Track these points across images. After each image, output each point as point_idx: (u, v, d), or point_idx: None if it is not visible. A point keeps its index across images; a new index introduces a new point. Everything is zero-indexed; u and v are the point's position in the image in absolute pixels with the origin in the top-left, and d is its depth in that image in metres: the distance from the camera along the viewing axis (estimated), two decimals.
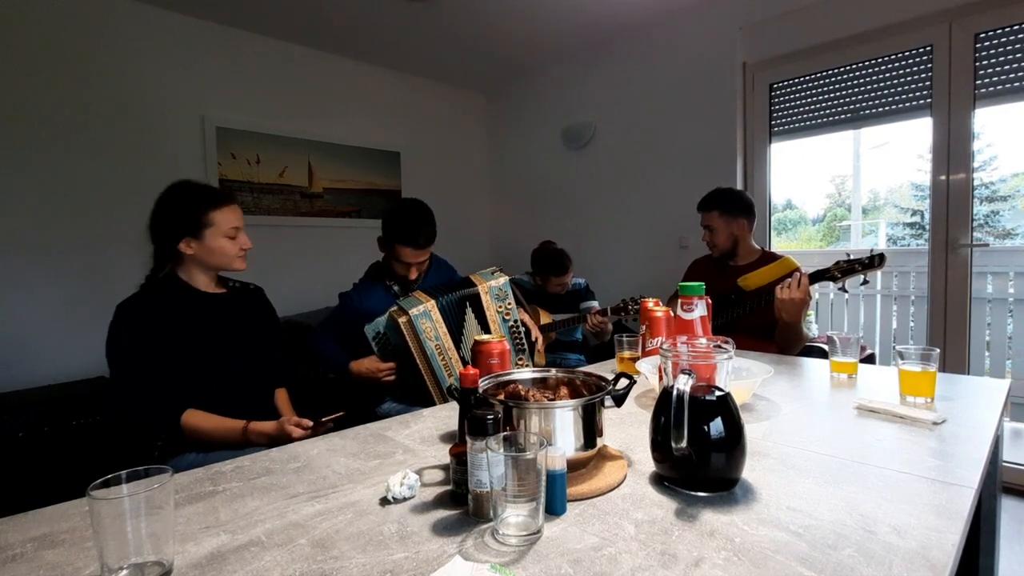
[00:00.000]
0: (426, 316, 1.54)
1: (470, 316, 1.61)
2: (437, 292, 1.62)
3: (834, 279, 1.69)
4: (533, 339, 1.70)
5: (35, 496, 0.95)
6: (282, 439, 1.21)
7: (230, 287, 1.51)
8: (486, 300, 1.61)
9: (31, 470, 2.09)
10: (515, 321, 1.63)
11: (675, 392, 0.69)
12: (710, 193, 2.15)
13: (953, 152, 2.31)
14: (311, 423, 1.25)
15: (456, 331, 1.60)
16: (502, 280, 1.63)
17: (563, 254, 2.65)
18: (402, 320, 1.54)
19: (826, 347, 1.78)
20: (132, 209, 2.60)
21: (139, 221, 1.38)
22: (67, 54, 2.57)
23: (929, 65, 2.35)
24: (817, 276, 1.73)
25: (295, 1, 2.82)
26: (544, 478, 0.63)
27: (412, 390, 1.65)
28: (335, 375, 1.79)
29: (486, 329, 1.60)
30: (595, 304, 2.65)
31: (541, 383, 0.91)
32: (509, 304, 1.62)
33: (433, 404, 1.55)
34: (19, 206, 2.46)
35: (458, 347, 1.60)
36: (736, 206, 2.08)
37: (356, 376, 1.70)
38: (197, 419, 1.30)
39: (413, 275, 1.81)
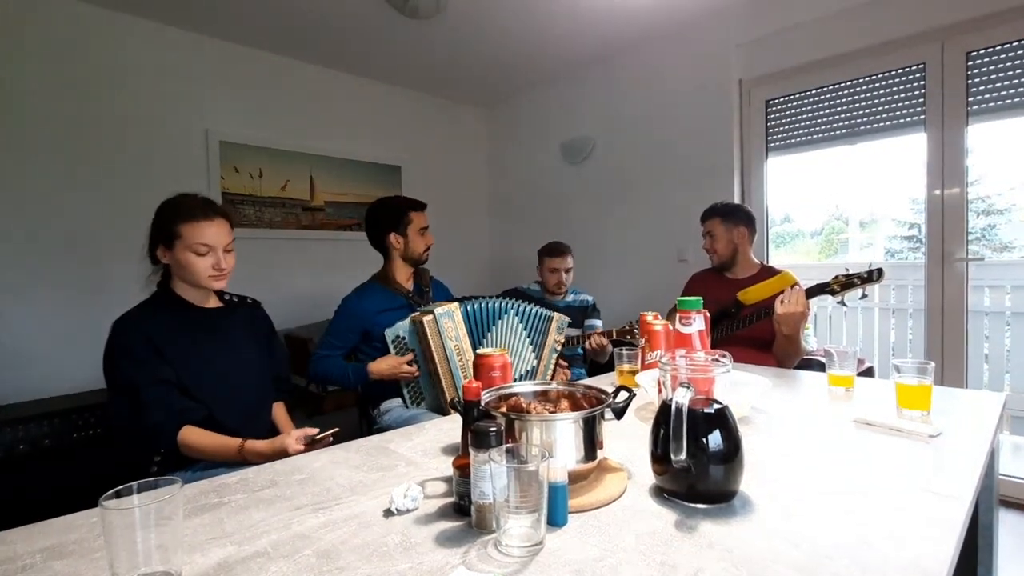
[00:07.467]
0: (448, 316, 1.68)
1: (512, 327, 1.79)
2: (463, 300, 1.78)
3: (833, 293, 1.70)
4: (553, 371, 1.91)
5: (37, 509, 0.94)
6: (277, 457, 1.17)
7: (226, 301, 1.49)
8: (554, 326, 1.84)
9: (32, 483, 2.09)
10: (558, 353, 1.88)
11: (674, 405, 0.71)
12: (712, 204, 2.22)
13: (947, 167, 2.34)
14: (315, 431, 1.23)
15: (477, 336, 1.75)
16: (566, 319, 1.88)
17: (563, 243, 2.73)
18: (427, 319, 1.64)
19: (824, 360, 1.79)
20: (135, 222, 2.60)
21: (141, 234, 1.37)
22: (71, 68, 2.61)
23: (922, 82, 2.39)
24: (816, 290, 1.74)
25: (298, 17, 2.87)
26: (546, 490, 0.64)
27: (422, 393, 1.77)
28: (353, 388, 1.85)
29: (537, 347, 1.82)
30: (599, 324, 2.67)
31: (542, 396, 0.92)
32: (562, 339, 1.87)
33: (441, 407, 1.68)
34: (22, 219, 2.49)
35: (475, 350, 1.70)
36: (736, 214, 2.13)
37: (377, 376, 1.74)
38: (194, 437, 1.27)
39: (421, 248, 1.94)
